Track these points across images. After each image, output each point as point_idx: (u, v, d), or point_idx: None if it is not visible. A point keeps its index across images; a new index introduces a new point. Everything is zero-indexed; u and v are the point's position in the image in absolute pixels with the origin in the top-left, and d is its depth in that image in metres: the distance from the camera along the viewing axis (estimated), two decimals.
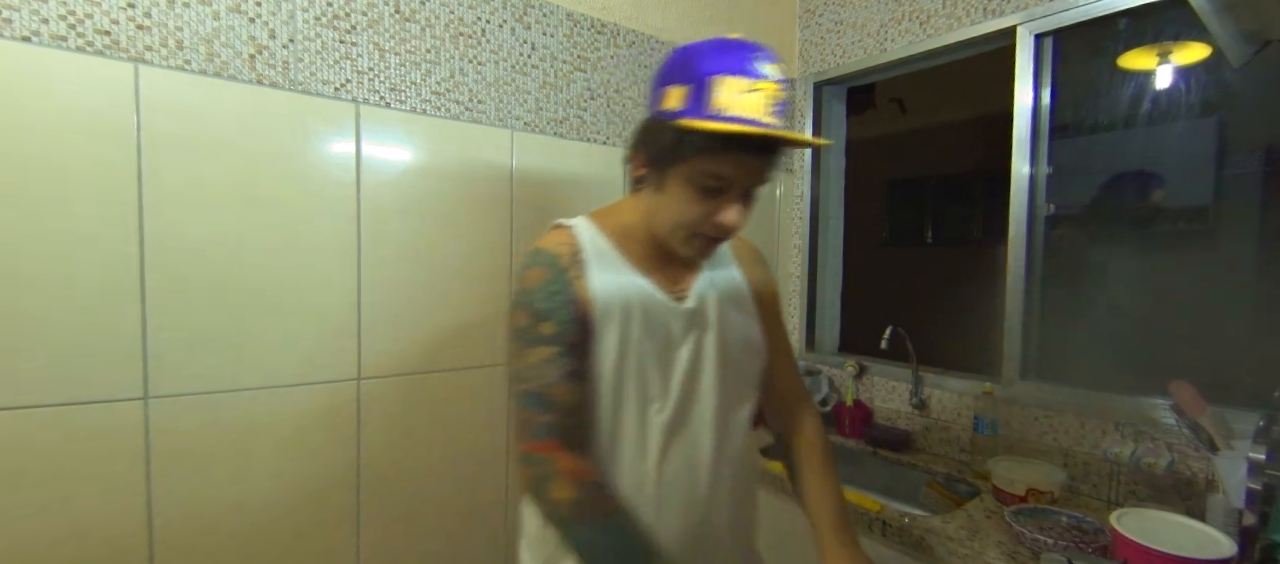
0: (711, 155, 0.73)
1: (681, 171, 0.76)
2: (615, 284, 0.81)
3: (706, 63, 0.73)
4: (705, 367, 0.86)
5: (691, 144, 0.73)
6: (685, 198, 0.77)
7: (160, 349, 1.07)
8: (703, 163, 0.74)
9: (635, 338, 0.81)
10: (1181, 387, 1.16)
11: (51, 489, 1.00)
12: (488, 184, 1.42)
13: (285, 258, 1.18)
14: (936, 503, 1.51)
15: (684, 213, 0.78)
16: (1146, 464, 1.25)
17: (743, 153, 0.74)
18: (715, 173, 0.75)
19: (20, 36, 0.95)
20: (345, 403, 1.26)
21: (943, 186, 3.16)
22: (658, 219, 0.81)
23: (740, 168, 0.75)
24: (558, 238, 0.83)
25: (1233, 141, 1.39)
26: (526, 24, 1.47)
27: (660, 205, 0.80)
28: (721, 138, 0.72)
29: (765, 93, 0.73)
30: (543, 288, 0.78)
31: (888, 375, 1.83)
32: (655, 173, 0.79)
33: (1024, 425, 1.52)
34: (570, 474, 0.76)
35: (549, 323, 0.77)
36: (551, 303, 0.78)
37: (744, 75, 0.72)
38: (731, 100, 0.71)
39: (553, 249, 0.81)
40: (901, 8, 1.77)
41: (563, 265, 0.80)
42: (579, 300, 0.79)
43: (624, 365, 0.81)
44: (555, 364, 0.77)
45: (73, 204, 0.99)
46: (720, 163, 0.74)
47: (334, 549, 1.27)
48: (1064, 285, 1.57)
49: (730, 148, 0.73)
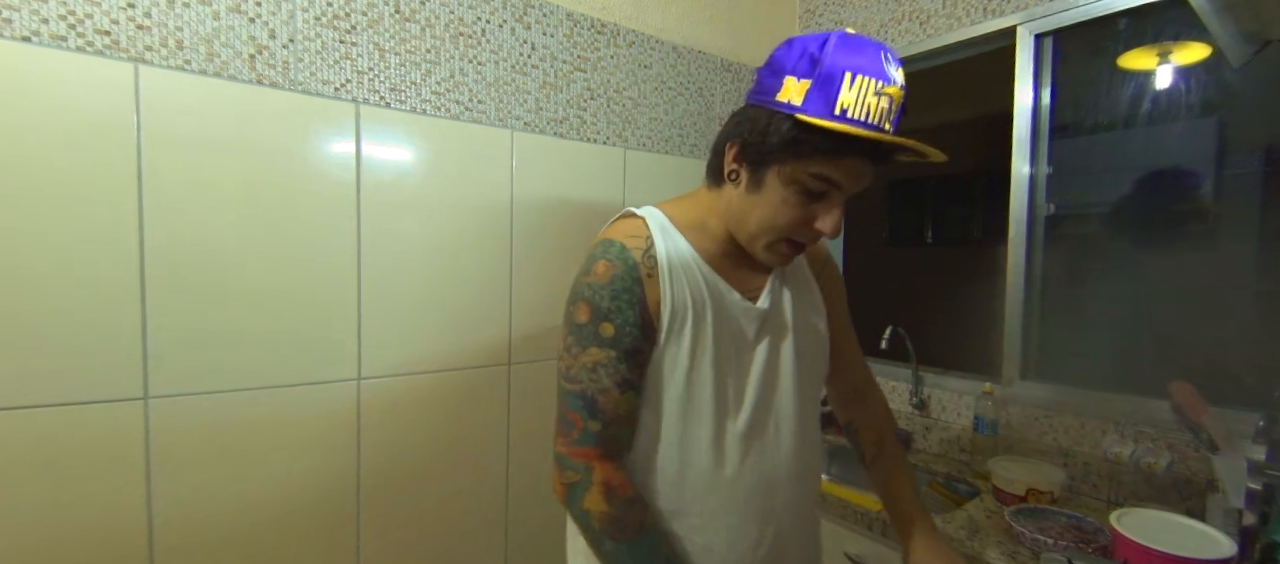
0: (828, 158, 0.68)
1: (787, 171, 0.70)
2: (687, 284, 0.76)
3: (836, 58, 0.67)
4: (782, 369, 0.82)
5: (809, 143, 0.68)
6: (784, 199, 0.71)
7: (160, 349, 1.07)
8: (815, 164, 0.69)
9: (709, 341, 0.76)
10: (1181, 387, 1.16)
11: (51, 489, 1.00)
12: (488, 184, 1.42)
13: (285, 258, 1.18)
14: (936, 503, 1.51)
15: (780, 215, 0.72)
16: (1146, 464, 1.25)
17: (860, 159, 0.69)
18: (826, 176, 0.69)
19: (20, 36, 0.95)
20: (345, 403, 1.26)
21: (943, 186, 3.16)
22: (746, 218, 0.75)
23: (852, 174, 0.70)
24: (630, 228, 0.77)
25: (1233, 141, 1.39)
26: (526, 24, 1.47)
27: (752, 205, 0.74)
28: (844, 140, 0.66)
29: (893, 97, 0.68)
30: (609, 285, 0.73)
31: (888, 375, 1.83)
32: (753, 168, 0.73)
33: (1024, 425, 1.52)
34: (605, 486, 0.72)
35: (610, 324, 0.72)
36: (616, 303, 0.72)
37: (875, 76, 0.67)
38: (859, 101, 0.66)
39: (626, 243, 0.75)
40: (901, 8, 1.77)
41: (634, 261, 0.74)
42: (647, 303, 0.74)
43: (696, 371, 0.76)
44: (610, 370, 0.72)
45: (73, 204, 0.99)
46: (835, 167, 0.69)
47: (334, 549, 1.27)
48: (1064, 285, 1.57)
49: (850, 152, 0.68)
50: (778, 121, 0.69)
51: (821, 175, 0.69)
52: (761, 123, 0.71)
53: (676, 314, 0.75)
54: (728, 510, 0.78)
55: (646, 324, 0.74)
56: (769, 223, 0.73)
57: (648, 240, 0.76)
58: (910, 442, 1.73)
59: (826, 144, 0.67)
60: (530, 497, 1.52)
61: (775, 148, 0.70)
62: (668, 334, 0.75)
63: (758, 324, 0.80)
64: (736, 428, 0.78)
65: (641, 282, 0.73)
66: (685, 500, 0.78)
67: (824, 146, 0.67)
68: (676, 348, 0.75)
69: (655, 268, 0.74)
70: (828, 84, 0.66)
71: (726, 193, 0.78)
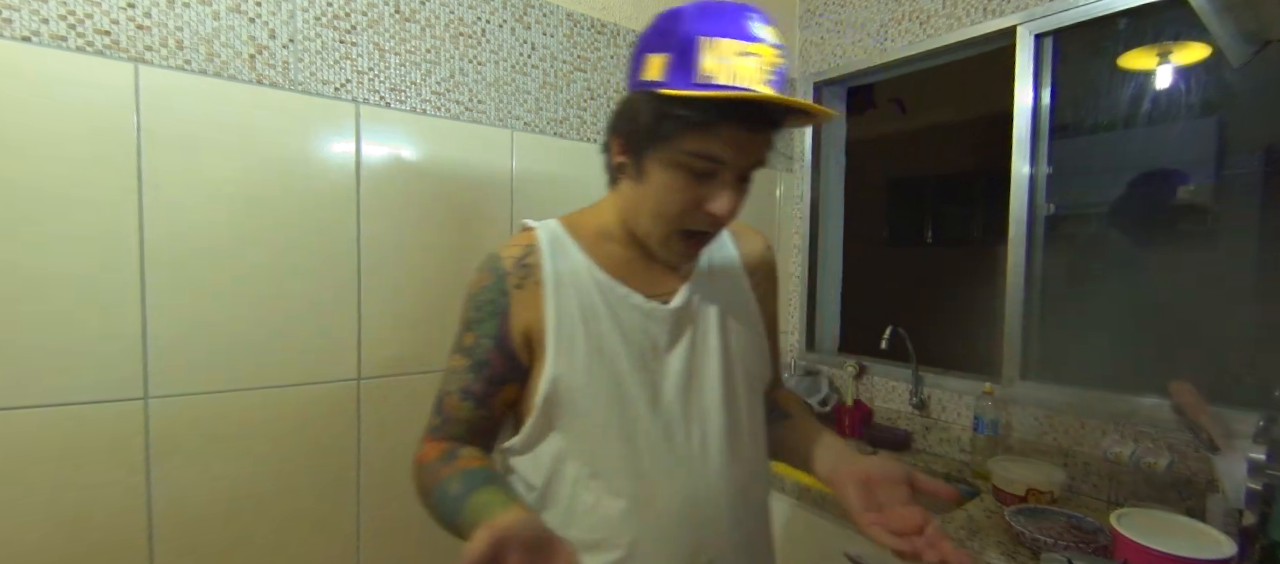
0: (700, 131, 0.62)
1: (665, 154, 0.65)
2: (577, 295, 0.71)
3: (691, 25, 0.62)
4: (705, 376, 0.75)
5: (676, 119, 0.62)
6: (669, 184, 0.66)
7: (160, 349, 1.07)
8: (690, 141, 0.63)
9: (609, 352, 0.71)
10: (1181, 387, 1.16)
11: (51, 489, 1.00)
12: (488, 184, 1.42)
13: (285, 258, 1.18)
14: (937, 503, 1.51)
15: (668, 203, 0.66)
16: (1146, 464, 1.25)
17: (737, 127, 0.62)
18: (704, 152, 0.63)
19: (20, 36, 0.95)
20: (345, 403, 1.26)
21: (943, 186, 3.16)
22: (639, 213, 0.70)
23: (734, 145, 0.63)
24: (517, 242, 0.74)
25: (1233, 141, 1.39)
26: (526, 24, 1.47)
27: (640, 196, 0.69)
28: (711, 109, 0.61)
29: (762, 57, 0.62)
30: (478, 296, 0.73)
31: (888, 375, 1.83)
32: (634, 158, 0.68)
33: (1024, 425, 1.52)
34: (418, 462, 0.73)
35: (471, 334, 0.73)
36: (480, 313, 0.72)
37: (738, 37, 0.61)
38: (721, 65, 0.61)
39: (502, 254, 0.73)
40: (901, 8, 1.77)
41: (504, 271, 0.72)
42: (511, 316, 0.71)
43: (596, 384, 0.70)
44: (459, 377, 0.73)
45: (73, 204, 0.99)
46: (710, 140, 0.62)
47: (334, 549, 1.27)
48: (1064, 285, 1.57)
49: (722, 121, 0.62)
50: (644, 102, 0.64)
51: (698, 152, 0.63)
52: (631, 108, 0.67)
53: (564, 328, 0.70)
54: (654, 540, 0.70)
55: (503, 337, 0.71)
56: (658, 212, 0.68)
57: (525, 249, 0.73)
58: (910, 441, 1.73)
59: (694, 115, 0.61)
60: None
61: (647, 131, 0.65)
62: (557, 350, 0.70)
63: (669, 327, 0.74)
64: (652, 445, 0.71)
65: (508, 293, 0.71)
66: (602, 531, 0.70)
67: (692, 119, 0.61)
68: (571, 363, 0.70)
69: (528, 279, 0.71)
70: (686, 53, 0.61)
71: (623, 190, 0.73)
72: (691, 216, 0.67)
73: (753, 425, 0.79)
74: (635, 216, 0.71)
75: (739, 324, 0.79)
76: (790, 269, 2.13)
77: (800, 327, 2.11)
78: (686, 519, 0.71)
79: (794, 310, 2.13)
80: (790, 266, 2.13)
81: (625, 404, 0.71)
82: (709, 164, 0.64)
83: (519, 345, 0.72)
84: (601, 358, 0.71)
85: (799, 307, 2.11)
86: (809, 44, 2.04)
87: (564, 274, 0.72)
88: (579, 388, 0.70)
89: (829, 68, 1.97)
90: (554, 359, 0.70)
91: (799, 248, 2.10)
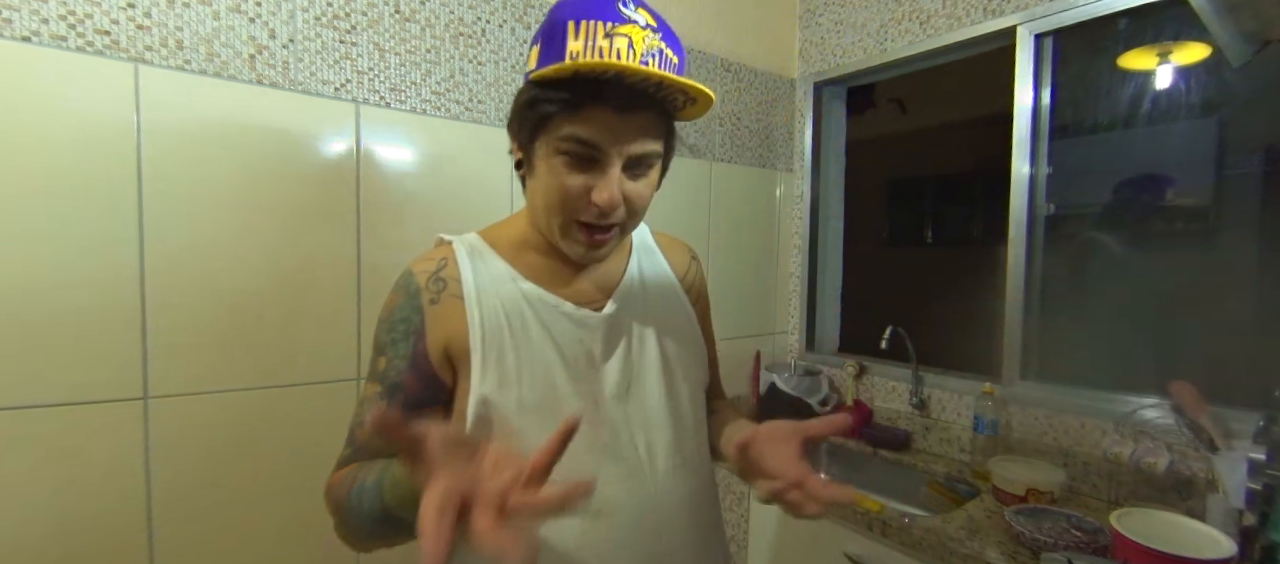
0: (567, 114, 0.61)
1: (546, 143, 0.63)
2: (502, 304, 0.69)
3: (562, 11, 0.62)
4: (645, 381, 0.73)
5: (546, 103, 0.61)
6: (553, 172, 0.64)
7: (160, 349, 1.07)
8: (561, 126, 0.61)
9: (540, 360, 0.68)
10: (1181, 387, 1.16)
11: (51, 489, 1.00)
12: (487, 184, 1.42)
13: (285, 258, 1.18)
14: (936, 503, 1.52)
15: (554, 192, 0.64)
16: (1146, 464, 1.25)
17: (603, 107, 0.60)
18: (575, 135, 0.61)
19: (20, 36, 0.95)
20: (346, 403, 1.26)
21: (943, 186, 3.16)
22: (535, 206, 0.69)
23: (604, 129, 0.61)
24: (430, 256, 0.71)
25: (1233, 141, 1.39)
26: (526, 24, 1.47)
27: (534, 190, 0.67)
28: (578, 92, 0.59)
29: (630, 37, 0.60)
30: (390, 318, 0.69)
31: (888, 375, 1.84)
32: (526, 152, 0.67)
33: (1024, 425, 1.52)
34: (327, 491, 0.69)
35: (384, 357, 0.68)
36: (392, 335, 0.68)
37: (603, 18, 0.60)
38: (588, 47, 0.59)
39: (415, 270, 0.70)
40: (901, 8, 1.77)
41: (417, 287, 0.68)
42: (429, 334, 0.67)
43: (528, 394, 0.67)
44: (371, 405, 0.68)
45: (73, 204, 0.99)
46: (579, 123, 0.61)
47: (335, 548, 1.26)
48: (1064, 285, 1.57)
49: (586, 103, 0.60)
50: (522, 93, 0.65)
51: (571, 136, 0.61)
52: (516, 102, 0.66)
53: (490, 339, 0.67)
54: (612, 551, 0.68)
55: (419, 357, 0.67)
56: (548, 203, 0.66)
57: (439, 263, 0.70)
58: (910, 441, 1.73)
59: (561, 96, 0.60)
60: None
61: (525, 121, 0.64)
62: (484, 366, 0.66)
63: (603, 335, 0.71)
64: (597, 457, 0.68)
65: (422, 310, 0.67)
66: (559, 547, 0.66)
67: (560, 102, 0.60)
68: (500, 374, 0.66)
69: (444, 292, 0.68)
70: (553, 38, 0.61)
71: (528, 190, 0.71)
72: (580, 206, 0.64)
73: (698, 433, 0.77)
74: (535, 211, 0.69)
75: (676, 332, 0.77)
76: (790, 269, 2.13)
77: (800, 327, 2.11)
78: (640, 527, 0.69)
79: (794, 310, 2.13)
80: (790, 267, 2.13)
81: (558, 415, 0.66)
82: (584, 149, 0.62)
83: (438, 364, 0.68)
84: (534, 370, 0.67)
85: (799, 307, 2.11)
86: (809, 44, 2.04)
87: (486, 285, 0.69)
88: (511, 402, 0.66)
89: (829, 68, 1.97)
90: (481, 376, 0.66)
91: (799, 248, 2.10)
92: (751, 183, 2.01)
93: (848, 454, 1.77)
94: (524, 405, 0.66)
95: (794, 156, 2.10)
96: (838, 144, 2.11)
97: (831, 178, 2.11)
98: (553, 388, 0.68)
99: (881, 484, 1.67)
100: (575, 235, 0.67)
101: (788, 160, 2.10)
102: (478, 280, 0.69)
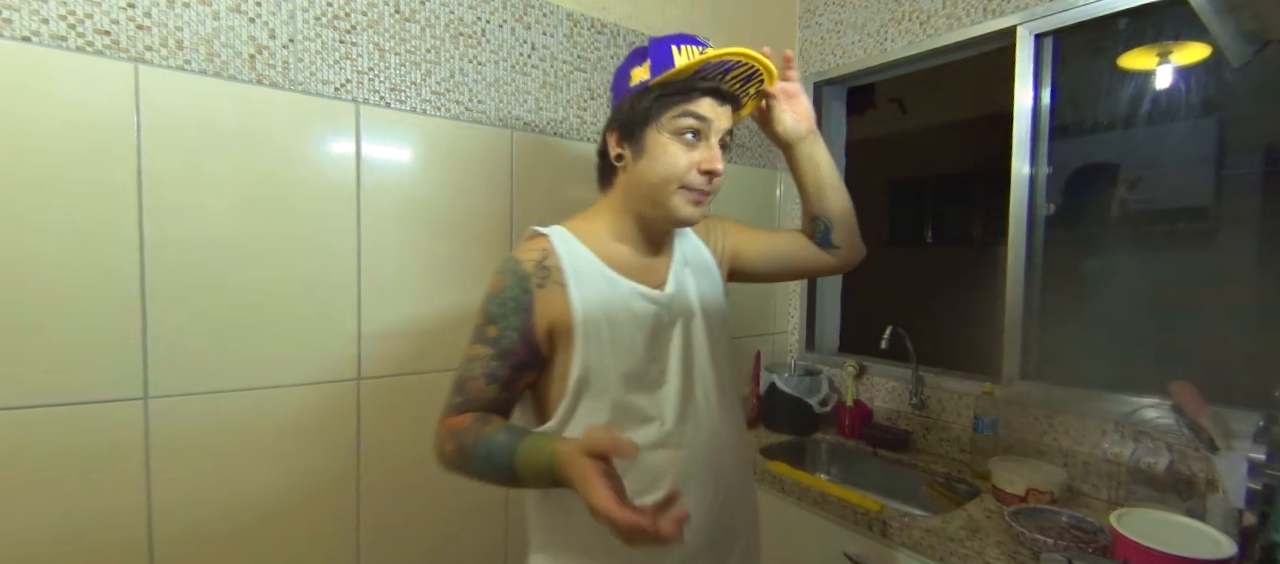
0: (686, 101, 0.82)
1: (659, 130, 0.83)
2: (595, 287, 0.84)
3: (659, 45, 0.84)
4: (696, 346, 0.90)
5: (667, 95, 0.82)
6: (667, 148, 0.83)
7: (160, 349, 1.07)
8: (680, 109, 0.82)
9: (629, 333, 0.84)
10: (1181, 387, 1.16)
11: (51, 489, 1.00)
12: (488, 184, 1.42)
13: (285, 258, 1.18)
14: (936, 503, 1.51)
15: (673, 164, 0.82)
16: (1146, 464, 1.25)
17: (709, 97, 0.83)
18: (692, 113, 0.82)
19: (20, 36, 0.95)
20: (345, 403, 1.26)
21: (943, 186, 3.15)
22: (646, 183, 0.84)
23: (712, 110, 0.83)
24: (531, 246, 0.85)
25: (1233, 141, 1.39)
26: (526, 24, 1.47)
27: (646, 167, 0.84)
28: (693, 81, 0.82)
29: (714, 55, 0.82)
30: (499, 295, 0.82)
31: (888, 375, 1.84)
32: (634, 142, 0.85)
33: (1024, 425, 1.52)
34: (449, 429, 0.82)
35: (494, 327, 0.82)
36: (502, 309, 0.81)
37: (693, 44, 0.84)
38: (689, 61, 0.81)
39: (523, 260, 0.84)
40: (901, 8, 1.77)
41: (525, 274, 0.82)
42: (537, 313, 0.81)
43: (620, 364, 0.83)
44: (483, 363, 0.81)
45: (73, 204, 0.99)
46: (696, 105, 0.82)
47: (334, 549, 1.27)
48: (1064, 285, 1.57)
49: (698, 92, 0.82)
50: (636, 97, 0.84)
51: (686, 113, 0.82)
52: (627, 105, 0.85)
53: (589, 319, 0.82)
54: (694, 477, 0.86)
55: (527, 331, 0.81)
56: (666, 173, 0.83)
57: (542, 253, 0.84)
58: (910, 441, 1.73)
59: (680, 86, 0.82)
60: None
61: (643, 116, 0.83)
62: (586, 339, 0.82)
63: (668, 309, 0.89)
64: (673, 406, 0.86)
65: (531, 292, 0.82)
66: (650, 476, 0.84)
67: (680, 91, 0.82)
68: (598, 346, 0.82)
69: (548, 280, 0.82)
70: (663, 58, 0.83)
71: (619, 183, 0.89)
72: (689, 175, 0.83)
73: (731, 387, 0.97)
74: (643, 187, 0.85)
75: (713, 303, 0.95)
76: None
77: (800, 327, 2.11)
78: (710, 459, 0.89)
79: (794, 310, 2.13)
80: None
81: (646, 376, 0.85)
82: (701, 124, 0.83)
83: (542, 338, 0.82)
84: (622, 342, 0.84)
85: (799, 307, 2.11)
86: (809, 44, 2.04)
87: (582, 273, 0.84)
88: (609, 368, 0.83)
89: (829, 68, 1.97)
90: (583, 348, 0.82)
91: None
92: (752, 182, 2.01)
93: (848, 454, 1.77)
94: (617, 370, 0.83)
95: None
96: (838, 144, 2.11)
97: None
98: (637, 354, 0.85)
99: (881, 484, 1.67)
100: (687, 199, 0.85)
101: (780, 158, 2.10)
102: (576, 269, 0.84)
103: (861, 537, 1.31)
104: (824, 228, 1.01)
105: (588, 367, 0.82)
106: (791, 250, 1.04)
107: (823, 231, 1.02)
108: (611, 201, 0.91)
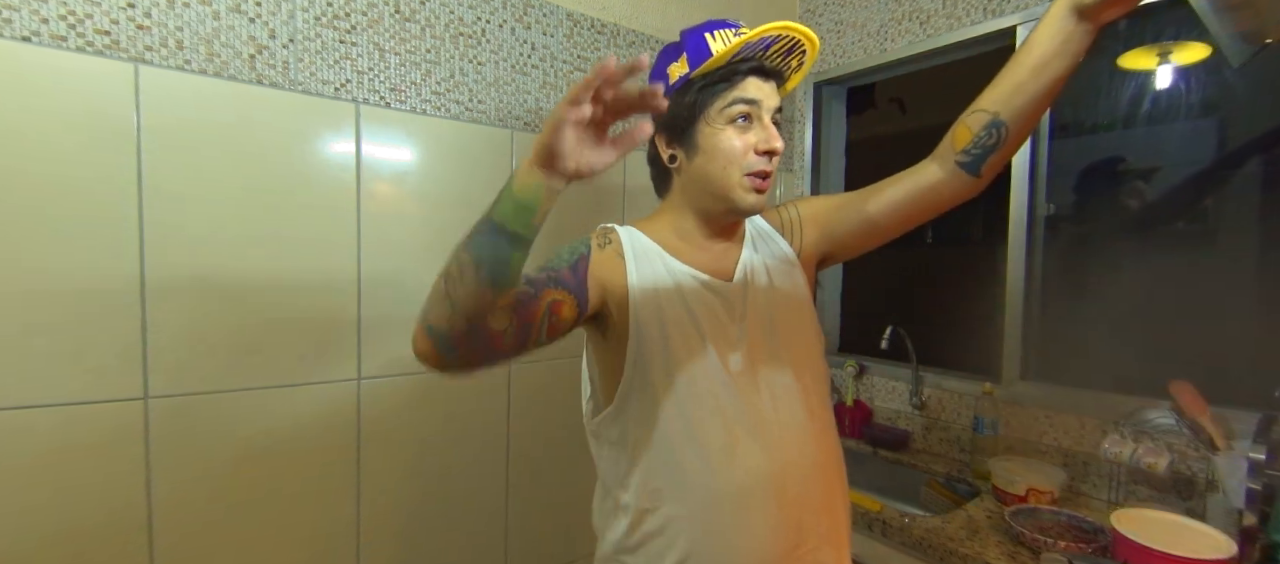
0: (731, 86, 0.80)
1: (711, 118, 0.81)
2: (655, 269, 0.83)
3: (692, 35, 0.83)
4: (766, 341, 0.85)
5: (713, 83, 0.80)
6: (724, 137, 0.81)
7: (160, 349, 1.07)
8: (729, 95, 0.80)
9: (684, 320, 0.81)
10: (1181, 387, 1.16)
11: (51, 489, 1.00)
12: (488, 184, 1.42)
13: (285, 258, 1.18)
14: (936, 503, 1.51)
15: (729, 151, 0.80)
16: (1146, 464, 1.25)
17: (754, 76, 0.81)
18: (741, 97, 0.80)
19: (20, 36, 0.95)
20: (345, 403, 1.26)
21: None
22: (706, 177, 0.82)
23: (759, 89, 0.81)
24: (597, 231, 0.86)
25: (1233, 141, 1.39)
26: (526, 24, 1.47)
27: (705, 162, 0.82)
28: (734, 64, 0.80)
29: (753, 35, 0.79)
30: (561, 247, 0.82)
31: (888, 375, 1.84)
32: (686, 140, 0.83)
33: (1024, 425, 1.52)
34: None
35: (565, 249, 0.81)
36: (561, 250, 0.81)
37: (726, 27, 0.82)
38: (726, 47, 0.79)
39: (587, 235, 0.85)
40: (901, 8, 1.77)
41: (587, 238, 0.83)
42: (594, 263, 0.80)
43: (681, 348, 0.80)
44: (550, 270, 0.77)
45: (73, 204, 0.99)
46: (743, 87, 0.80)
47: (334, 549, 1.27)
48: (1064, 285, 1.57)
49: (743, 74, 0.80)
50: (683, 91, 0.82)
51: (736, 99, 0.80)
52: (671, 107, 0.81)
53: (646, 298, 0.80)
54: (737, 488, 0.79)
55: (581, 266, 0.79)
56: (727, 161, 0.81)
57: (606, 230, 0.85)
58: (909, 441, 1.73)
59: (723, 73, 0.80)
60: (531, 492, 1.52)
61: (690, 110, 0.81)
62: (642, 317, 0.80)
63: (737, 299, 0.85)
64: (733, 400, 0.81)
65: (591, 247, 0.82)
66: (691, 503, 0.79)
67: (723, 78, 0.80)
68: (657, 326, 0.80)
69: (608, 245, 0.83)
70: (698, 48, 0.81)
71: (677, 185, 0.88)
72: (749, 158, 0.81)
73: (817, 390, 0.89)
74: (706, 181, 0.83)
75: (786, 291, 0.90)
76: None
77: None
78: (769, 479, 0.80)
79: None
80: None
81: (712, 368, 0.81)
82: (750, 107, 0.80)
83: (592, 286, 0.79)
84: (681, 327, 0.81)
85: None
86: None
87: (641, 255, 0.84)
88: (663, 350, 0.80)
89: (829, 68, 1.97)
90: (639, 327, 0.80)
91: None
92: None
93: (848, 454, 1.76)
94: (676, 355, 0.80)
95: (794, 156, 2.10)
96: (838, 144, 2.11)
97: (831, 178, 2.11)
98: (699, 340, 0.81)
99: (881, 484, 1.67)
100: (750, 184, 0.82)
101: (787, 160, 2.10)
102: (635, 250, 0.84)
103: (861, 537, 1.31)
104: (996, 138, 0.83)
105: (644, 346, 0.79)
106: (906, 191, 0.93)
107: (992, 143, 0.83)
108: (672, 203, 0.89)
